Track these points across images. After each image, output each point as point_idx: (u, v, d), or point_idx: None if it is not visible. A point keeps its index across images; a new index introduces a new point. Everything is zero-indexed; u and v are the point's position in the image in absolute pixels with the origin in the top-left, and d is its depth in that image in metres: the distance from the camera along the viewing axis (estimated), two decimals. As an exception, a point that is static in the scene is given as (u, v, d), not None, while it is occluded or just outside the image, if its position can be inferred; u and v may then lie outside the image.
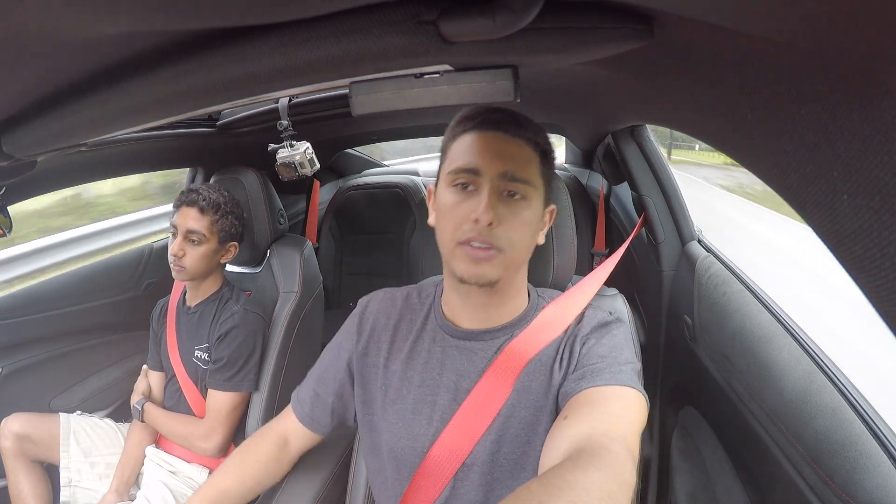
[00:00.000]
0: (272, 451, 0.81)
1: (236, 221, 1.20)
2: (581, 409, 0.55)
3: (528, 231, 0.62)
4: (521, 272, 0.69)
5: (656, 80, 0.51)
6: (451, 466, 0.65)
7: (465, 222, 0.60)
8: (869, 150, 0.21)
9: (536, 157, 0.63)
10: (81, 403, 1.46)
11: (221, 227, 1.16)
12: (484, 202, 0.58)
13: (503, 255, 0.60)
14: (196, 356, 1.19)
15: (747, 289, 0.91)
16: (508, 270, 0.63)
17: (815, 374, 0.66)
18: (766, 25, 0.24)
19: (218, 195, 1.17)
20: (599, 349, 0.63)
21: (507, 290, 0.67)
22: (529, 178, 0.61)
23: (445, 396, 0.67)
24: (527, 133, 0.62)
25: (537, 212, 0.64)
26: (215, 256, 1.18)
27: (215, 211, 1.15)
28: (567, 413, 0.56)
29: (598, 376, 0.59)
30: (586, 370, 0.61)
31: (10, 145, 0.61)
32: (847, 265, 0.25)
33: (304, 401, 0.80)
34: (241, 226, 1.23)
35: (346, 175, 2.59)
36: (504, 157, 0.60)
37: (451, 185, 0.63)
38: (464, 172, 0.61)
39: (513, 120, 0.62)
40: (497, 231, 0.59)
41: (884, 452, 0.53)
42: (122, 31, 0.33)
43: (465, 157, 0.62)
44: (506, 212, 0.60)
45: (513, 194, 0.61)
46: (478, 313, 0.69)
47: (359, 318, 0.77)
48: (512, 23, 0.32)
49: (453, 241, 0.61)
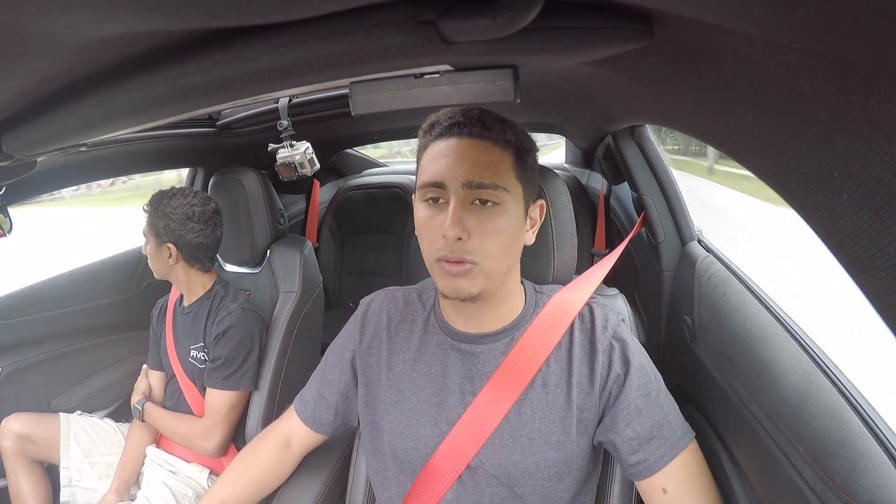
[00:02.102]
0: (274, 454, 0.81)
1: (171, 224, 1.15)
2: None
3: (504, 239, 0.59)
4: (511, 275, 0.66)
5: (656, 80, 0.51)
6: (456, 469, 0.65)
7: (437, 238, 0.58)
8: (869, 151, 0.21)
9: (509, 156, 0.60)
10: (81, 403, 1.46)
11: (153, 225, 1.16)
12: (449, 218, 0.56)
13: (479, 267, 0.58)
14: (192, 356, 1.19)
15: (747, 289, 0.91)
16: (490, 281, 0.60)
17: (815, 374, 0.66)
18: (766, 25, 0.24)
19: (161, 195, 1.17)
20: (642, 405, 0.63)
21: (495, 297, 0.66)
22: (500, 182, 0.58)
23: (451, 399, 0.67)
24: (493, 133, 0.59)
25: (515, 215, 0.60)
26: (160, 256, 1.17)
27: (154, 209, 1.16)
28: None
29: (666, 450, 0.62)
30: (647, 447, 0.62)
31: (10, 145, 0.61)
32: (847, 265, 0.25)
33: (308, 402, 0.80)
34: (179, 227, 1.15)
35: (346, 175, 2.59)
36: (469, 163, 0.57)
37: (423, 201, 0.61)
38: (430, 187, 0.59)
39: (477, 121, 0.59)
40: (468, 245, 0.57)
41: (884, 452, 0.53)
42: (121, 31, 0.33)
43: (430, 169, 0.59)
44: (476, 222, 0.58)
45: (484, 202, 0.58)
46: (472, 320, 0.68)
47: (361, 318, 0.77)
48: (512, 23, 0.32)
49: (431, 258, 0.60)
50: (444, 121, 0.60)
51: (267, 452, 0.81)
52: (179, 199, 1.17)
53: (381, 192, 2.27)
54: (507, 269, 0.64)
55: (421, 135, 0.64)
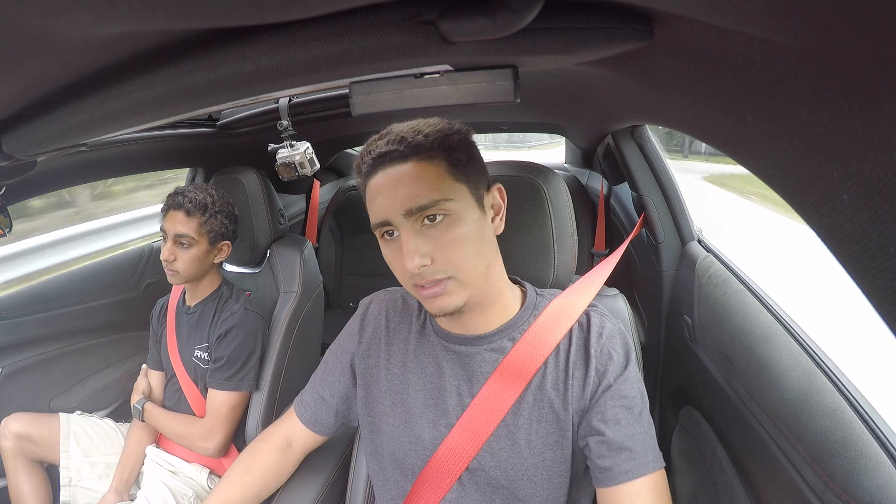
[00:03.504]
0: (275, 455, 0.81)
1: (226, 220, 1.18)
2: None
3: (467, 245, 0.58)
4: (493, 273, 0.64)
5: (656, 80, 0.51)
6: (456, 470, 0.65)
7: (404, 272, 0.59)
8: (869, 151, 0.21)
9: (440, 163, 0.58)
10: (81, 403, 1.47)
11: (210, 228, 1.14)
12: (404, 254, 0.57)
13: (454, 280, 0.58)
14: (196, 356, 1.19)
15: (747, 289, 0.91)
16: (470, 288, 0.60)
17: (815, 374, 0.66)
18: (766, 25, 0.24)
19: (205, 195, 1.15)
20: (622, 416, 0.61)
21: (483, 300, 0.65)
22: (439, 196, 0.57)
23: (450, 401, 0.67)
24: (414, 147, 0.57)
25: (470, 217, 0.59)
26: (207, 258, 1.17)
27: (202, 212, 1.13)
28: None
29: (633, 466, 0.60)
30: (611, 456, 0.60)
31: (10, 145, 0.61)
32: (847, 265, 0.25)
33: (308, 403, 0.80)
34: (232, 223, 1.21)
35: (346, 175, 2.59)
36: (403, 192, 0.57)
37: (381, 238, 0.62)
38: (379, 227, 0.60)
39: (397, 142, 0.58)
40: (435, 266, 0.57)
41: (884, 452, 0.53)
42: (121, 31, 0.33)
43: (373, 210, 0.60)
44: (433, 242, 0.57)
45: (433, 218, 0.57)
46: (465, 326, 0.68)
47: (360, 319, 0.77)
48: (512, 23, 0.32)
49: (409, 288, 0.61)
50: (367, 158, 0.60)
51: (267, 454, 0.81)
52: (216, 194, 1.18)
53: (381, 192, 2.26)
54: (486, 269, 0.62)
55: (356, 178, 0.64)
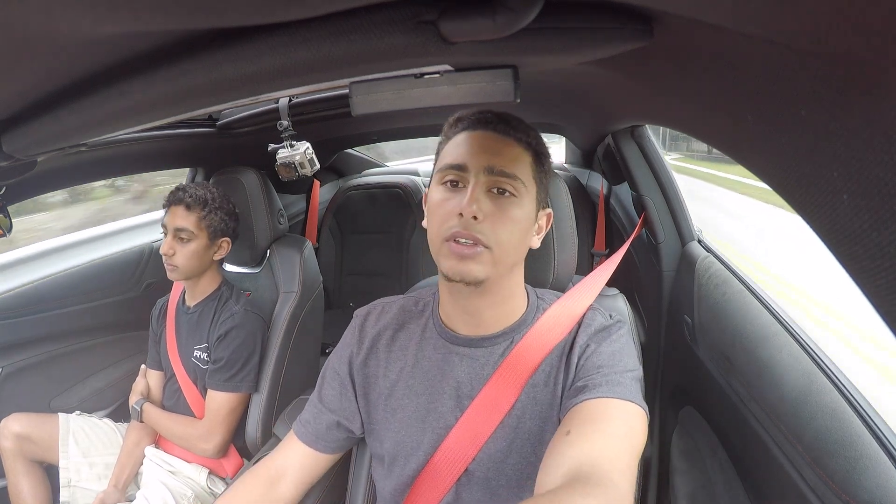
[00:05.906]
0: (260, 490, 0.74)
1: (226, 217, 1.20)
2: (584, 427, 0.54)
3: (517, 229, 0.61)
4: (515, 274, 0.66)
5: (656, 80, 0.51)
6: (454, 472, 0.65)
7: (451, 217, 0.59)
8: (869, 151, 0.21)
9: (528, 156, 0.63)
10: (81, 403, 1.46)
11: (210, 223, 1.16)
12: (468, 197, 0.58)
13: (489, 252, 0.59)
14: (195, 356, 1.19)
15: (747, 289, 0.91)
16: (496, 269, 0.61)
17: (815, 374, 0.67)
18: (766, 25, 0.24)
19: (205, 191, 1.17)
20: (599, 357, 0.62)
21: (498, 292, 0.65)
22: (518, 175, 0.60)
23: (448, 403, 0.67)
24: (517, 133, 0.63)
25: (528, 211, 0.62)
26: (207, 253, 1.17)
27: (202, 207, 1.15)
28: (569, 427, 0.54)
29: (599, 388, 0.58)
30: (588, 381, 0.59)
31: (10, 145, 0.61)
32: (847, 265, 0.25)
33: (307, 421, 0.76)
34: (232, 221, 1.22)
35: (346, 175, 2.59)
36: (491, 152, 0.60)
37: (441, 184, 0.63)
38: (451, 169, 0.61)
39: (503, 120, 0.63)
40: (482, 226, 0.58)
41: (884, 452, 0.53)
42: (122, 31, 0.33)
43: (453, 153, 0.62)
44: (493, 208, 0.59)
45: (502, 191, 0.60)
46: (473, 318, 0.67)
47: (358, 329, 0.76)
48: (512, 23, 0.32)
49: (440, 238, 0.60)
50: (471, 116, 0.64)
51: (252, 489, 0.74)
52: (216, 192, 1.19)
53: (382, 192, 2.27)
54: (513, 265, 0.64)
55: (446, 128, 0.67)
